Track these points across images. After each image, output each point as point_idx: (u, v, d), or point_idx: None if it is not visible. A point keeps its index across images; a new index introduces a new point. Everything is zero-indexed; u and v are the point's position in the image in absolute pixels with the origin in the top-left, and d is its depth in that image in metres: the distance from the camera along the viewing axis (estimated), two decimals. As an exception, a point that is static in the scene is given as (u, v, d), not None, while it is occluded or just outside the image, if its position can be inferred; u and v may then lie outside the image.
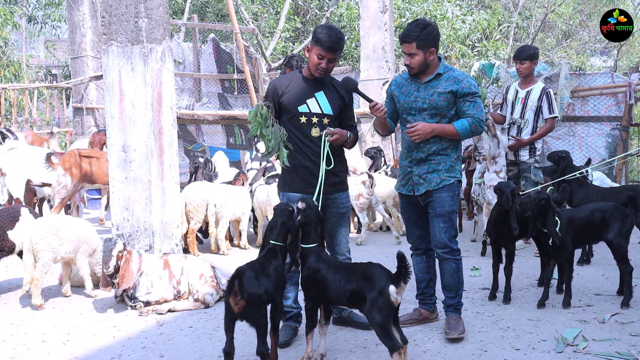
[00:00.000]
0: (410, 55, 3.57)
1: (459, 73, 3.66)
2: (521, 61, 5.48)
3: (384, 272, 3.05)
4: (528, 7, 16.82)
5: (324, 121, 3.57)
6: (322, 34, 3.46)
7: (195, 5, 15.50)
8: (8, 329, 3.98)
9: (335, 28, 3.57)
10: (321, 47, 3.46)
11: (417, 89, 3.65)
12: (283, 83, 3.62)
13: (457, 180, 3.70)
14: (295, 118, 3.55)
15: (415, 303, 3.99)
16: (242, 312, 2.98)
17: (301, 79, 3.62)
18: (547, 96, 5.39)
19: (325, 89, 3.62)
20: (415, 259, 3.90)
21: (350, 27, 13.46)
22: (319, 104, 3.58)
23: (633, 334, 3.63)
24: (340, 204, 3.68)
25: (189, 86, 10.90)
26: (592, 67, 16.67)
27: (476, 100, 3.60)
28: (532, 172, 5.52)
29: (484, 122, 3.67)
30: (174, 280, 4.32)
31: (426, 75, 3.64)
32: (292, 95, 3.56)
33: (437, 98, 3.58)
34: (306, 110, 3.55)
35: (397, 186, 3.85)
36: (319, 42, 3.46)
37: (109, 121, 4.78)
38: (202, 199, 5.73)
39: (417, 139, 3.57)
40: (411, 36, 3.52)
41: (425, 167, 3.65)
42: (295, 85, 3.58)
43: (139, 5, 4.71)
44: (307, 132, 3.55)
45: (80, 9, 10.36)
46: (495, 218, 4.38)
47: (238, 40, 9.32)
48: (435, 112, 3.59)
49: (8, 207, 4.90)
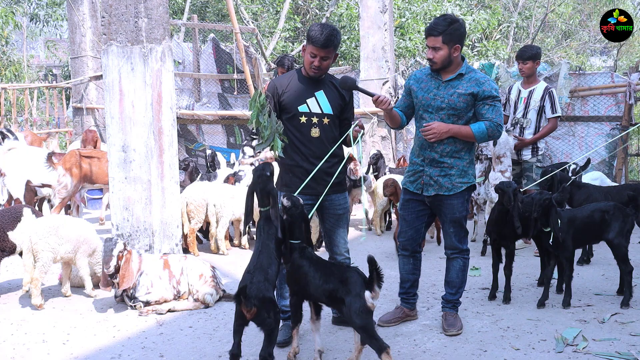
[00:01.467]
0: (434, 50, 3.51)
1: (480, 75, 3.60)
2: (524, 61, 5.48)
3: (359, 277, 3.07)
4: (528, 7, 16.82)
5: (324, 121, 3.55)
6: (314, 32, 3.42)
7: (196, 5, 15.49)
8: (8, 329, 3.98)
9: (328, 25, 3.50)
10: (313, 45, 3.43)
11: (437, 86, 3.61)
12: (283, 82, 3.59)
13: (469, 186, 3.66)
14: (295, 118, 3.53)
15: (394, 300, 4.01)
16: (255, 318, 3.00)
17: (301, 78, 3.59)
18: (549, 96, 5.39)
19: (325, 88, 3.59)
20: (402, 260, 3.91)
21: (350, 27, 13.45)
22: (319, 103, 3.55)
23: (633, 333, 3.63)
24: (338, 205, 3.67)
25: (189, 86, 10.90)
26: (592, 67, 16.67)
27: (496, 104, 3.56)
28: (534, 172, 5.52)
29: (502, 127, 3.62)
30: (173, 280, 4.32)
31: (447, 73, 3.59)
32: (292, 94, 3.54)
33: (457, 99, 3.54)
34: (306, 109, 3.53)
35: (405, 182, 3.82)
36: (311, 40, 3.43)
37: (109, 121, 4.78)
38: (202, 199, 5.74)
39: (433, 138, 3.54)
40: (438, 29, 3.47)
41: (437, 170, 3.62)
42: (295, 85, 3.56)
43: (139, 5, 4.71)
44: (306, 132, 3.53)
45: (80, 9, 10.35)
46: (495, 218, 4.37)
47: (238, 40, 9.32)
48: (453, 113, 3.56)
49: (10, 207, 4.89)
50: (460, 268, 3.77)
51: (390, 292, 4.48)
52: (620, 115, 7.39)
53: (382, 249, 5.97)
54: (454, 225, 3.69)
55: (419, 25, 12.84)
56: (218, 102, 10.62)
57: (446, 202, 3.64)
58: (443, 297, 3.88)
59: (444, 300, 3.86)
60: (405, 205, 3.84)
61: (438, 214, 3.77)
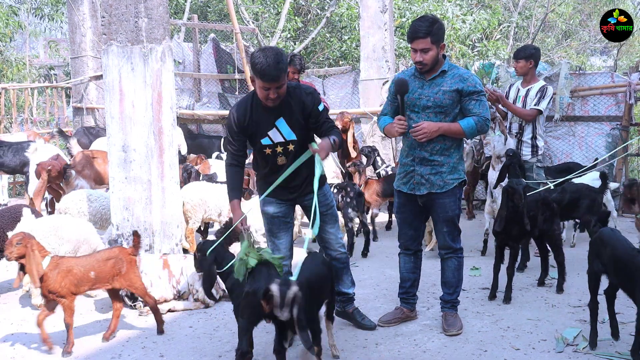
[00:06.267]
0: (423, 52, 3.50)
1: (463, 71, 3.63)
2: (517, 60, 5.52)
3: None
4: (528, 7, 16.81)
5: (289, 148, 3.42)
6: (260, 65, 3.13)
7: (197, 5, 15.49)
8: (8, 329, 3.98)
9: (271, 50, 3.20)
10: (263, 80, 3.17)
11: (422, 86, 3.61)
12: (240, 114, 3.38)
13: (460, 182, 3.68)
14: (260, 150, 3.43)
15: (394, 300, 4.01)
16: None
17: (258, 107, 3.36)
18: (541, 91, 5.39)
19: (284, 113, 3.37)
20: (403, 258, 3.92)
21: (350, 27, 13.45)
22: (280, 132, 3.38)
23: (633, 333, 3.63)
24: (319, 202, 3.44)
25: (189, 86, 10.90)
26: (592, 67, 16.66)
27: (481, 99, 3.58)
28: (534, 172, 5.52)
29: (490, 120, 3.65)
30: (173, 280, 4.33)
31: (431, 72, 3.59)
32: (253, 127, 3.37)
33: (442, 96, 3.55)
34: (269, 142, 3.39)
35: (397, 184, 3.83)
36: (260, 74, 3.16)
37: (109, 121, 4.78)
38: (200, 199, 5.73)
39: (424, 138, 3.53)
40: (423, 31, 3.46)
41: (428, 168, 3.62)
42: (253, 117, 3.37)
43: (139, 5, 4.71)
44: (273, 162, 3.46)
45: (80, 9, 10.35)
46: (505, 217, 4.26)
47: (238, 40, 9.32)
48: (440, 110, 3.56)
49: (9, 207, 4.90)
50: (455, 267, 3.78)
51: (390, 292, 4.48)
52: (621, 115, 7.38)
53: (382, 249, 5.97)
54: (447, 224, 3.69)
55: (419, 25, 12.81)
56: (218, 102, 10.61)
57: (438, 202, 3.65)
58: (441, 298, 3.89)
59: (443, 300, 3.87)
60: (401, 207, 3.85)
61: (431, 213, 3.77)
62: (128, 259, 3.77)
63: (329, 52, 13.15)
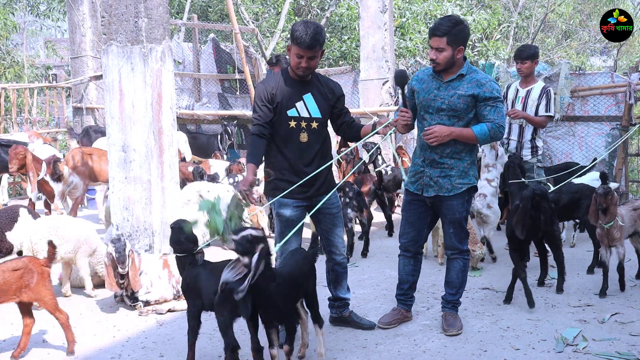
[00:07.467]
0: (437, 50, 3.47)
1: (482, 76, 3.56)
2: (522, 61, 5.46)
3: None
4: (528, 7, 16.80)
5: (312, 125, 3.48)
6: (298, 32, 3.30)
7: (197, 5, 15.49)
8: (8, 329, 3.98)
9: (312, 23, 3.37)
10: (298, 47, 3.32)
11: (438, 87, 3.58)
12: (271, 84, 3.47)
13: (469, 187, 3.64)
14: (284, 122, 3.45)
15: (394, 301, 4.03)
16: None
17: (288, 80, 3.48)
18: (546, 94, 5.38)
19: (313, 90, 3.50)
20: (402, 261, 3.91)
21: (350, 27, 13.45)
22: (307, 107, 3.47)
23: (633, 333, 3.64)
24: (331, 204, 3.62)
25: (189, 86, 10.90)
26: (592, 67, 16.65)
27: (497, 105, 3.52)
28: (535, 172, 5.52)
29: (504, 128, 3.57)
30: (173, 280, 4.33)
31: (449, 74, 3.55)
32: (281, 98, 3.44)
33: (457, 100, 3.51)
34: (295, 114, 3.45)
35: (406, 183, 3.83)
36: (296, 41, 3.32)
37: (109, 121, 4.78)
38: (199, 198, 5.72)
39: (435, 142, 3.51)
40: (442, 30, 3.42)
41: (437, 171, 3.60)
42: (283, 88, 3.45)
43: (139, 5, 4.71)
44: (295, 138, 3.46)
45: (80, 8, 10.35)
46: (523, 220, 4.17)
47: (238, 41, 9.31)
48: (453, 114, 3.53)
49: (6, 207, 4.90)
50: (460, 268, 3.78)
51: (390, 292, 4.48)
52: (620, 115, 7.38)
53: (382, 249, 5.97)
54: (453, 226, 3.69)
55: (419, 25, 12.83)
56: (218, 102, 10.61)
57: (446, 203, 3.64)
58: (443, 297, 3.89)
59: (444, 300, 3.88)
60: (408, 206, 3.83)
61: (439, 214, 3.77)
62: (39, 270, 3.45)
63: (329, 52, 13.13)
